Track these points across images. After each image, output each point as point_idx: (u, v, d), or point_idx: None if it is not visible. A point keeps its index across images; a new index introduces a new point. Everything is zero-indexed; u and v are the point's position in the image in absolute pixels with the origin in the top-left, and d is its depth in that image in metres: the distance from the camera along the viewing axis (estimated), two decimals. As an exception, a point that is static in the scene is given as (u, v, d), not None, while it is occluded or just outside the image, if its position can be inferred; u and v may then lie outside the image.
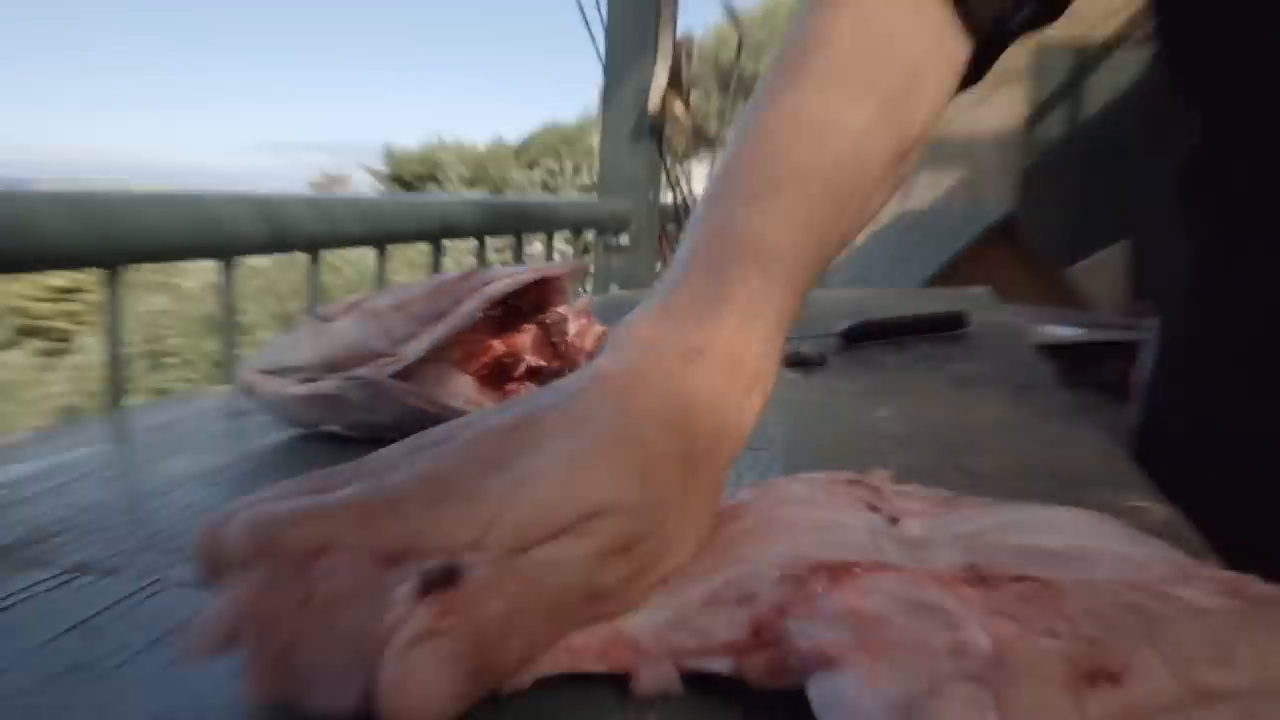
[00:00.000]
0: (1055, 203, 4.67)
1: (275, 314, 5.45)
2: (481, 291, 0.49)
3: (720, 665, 0.22)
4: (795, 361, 0.74)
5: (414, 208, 0.97)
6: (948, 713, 0.16)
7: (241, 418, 0.57)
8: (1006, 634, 0.19)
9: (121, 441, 0.51)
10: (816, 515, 0.27)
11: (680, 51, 1.68)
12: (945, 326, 0.89)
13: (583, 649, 0.22)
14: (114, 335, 0.67)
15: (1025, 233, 3.85)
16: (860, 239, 5.10)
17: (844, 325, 0.85)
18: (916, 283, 3.99)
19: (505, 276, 0.51)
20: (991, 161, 5.01)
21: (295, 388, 0.51)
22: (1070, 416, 0.54)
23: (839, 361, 0.76)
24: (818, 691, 0.19)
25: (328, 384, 0.49)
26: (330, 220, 0.80)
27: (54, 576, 0.32)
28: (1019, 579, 0.21)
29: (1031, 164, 5.01)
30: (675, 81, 1.63)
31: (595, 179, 1.89)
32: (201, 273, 6.19)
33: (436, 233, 0.98)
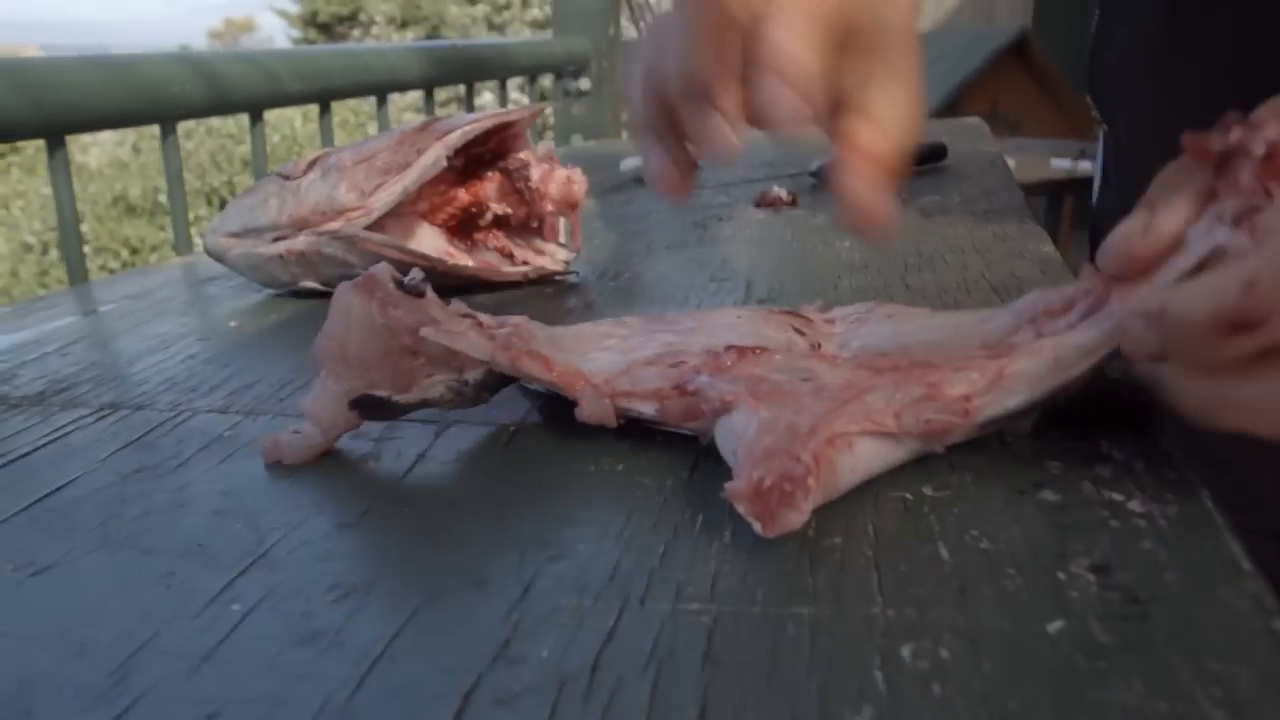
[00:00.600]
0: (1077, 14, 4.61)
1: (195, 190, 5.40)
2: (444, 139, 0.56)
3: (647, 408, 0.32)
4: (766, 201, 0.82)
5: (357, 59, 1.01)
6: None
7: (213, 282, 0.65)
8: (856, 377, 0.30)
9: (102, 309, 0.59)
10: (745, 326, 0.37)
11: None
12: (924, 160, 0.97)
13: (553, 371, 0.33)
14: (62, 209, 0.74)
15: (1041, 52, 3.84)
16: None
17: (818, 164, 0.92)
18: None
19: (465, 123, 0.58)
20: (1004, -30, 4.89)
21: (267, 247, 0.59)
22: (1024, 239, 0.63)
23: (810, 200, 0.84)
24: (719, 427, 0.30)
25: (300, 241, 0.57)
26: (271, 78, 0.85)
27: (92, 413, 0.41)
28: (883, 354, 0.31)
29: (1050, -29, 4.88)
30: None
31: (549, 13, 1.90)
32: (104, 147, 6.06)
33: (382, 86, 1.03)
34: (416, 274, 0.34)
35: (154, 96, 0.74)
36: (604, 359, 0.35)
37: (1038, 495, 0.27)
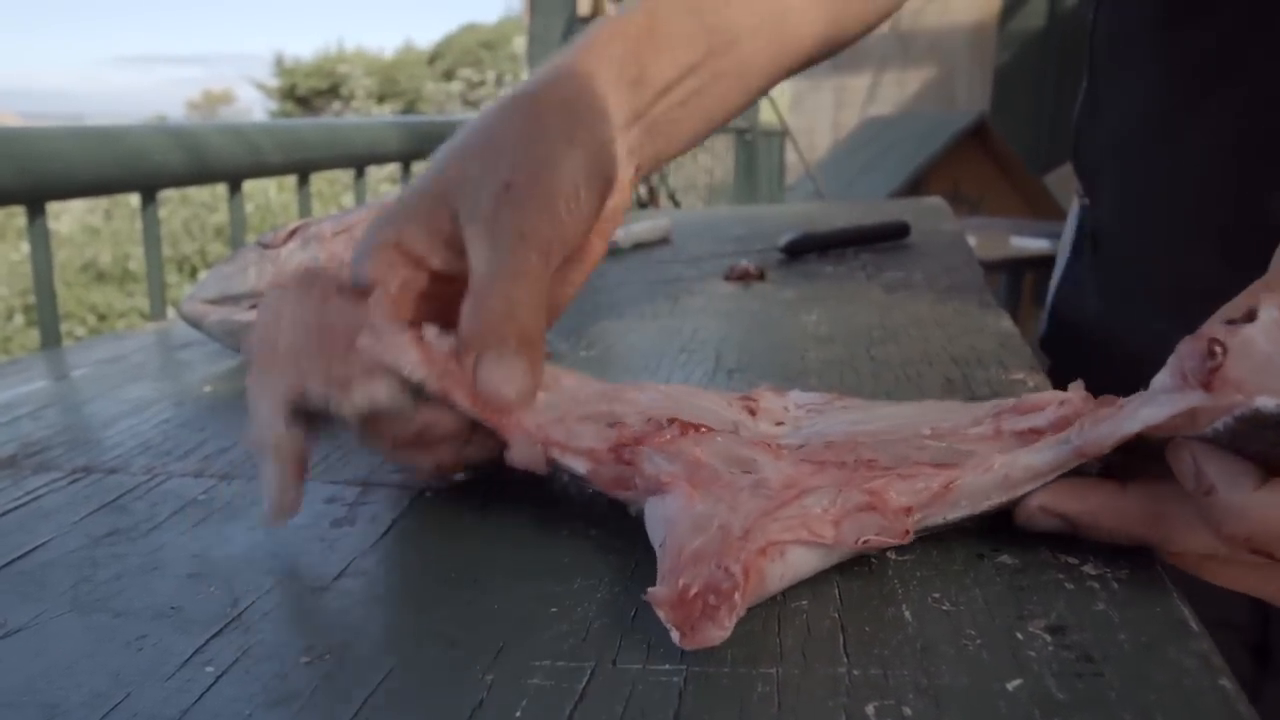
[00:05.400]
0: (1032, 102, 4.78)
1: (167, 257, 5.38)
2: (422, 213, 0.58)
3: (578, 465, 0.31)
4: (735, 275, 0.84)
5: (337, 132, 1.03)
6: None
7: (186, 348, 0.65)
8: (799, 473, 0.29)
9: (75, 374, 0.59)
10: (696, 399, 0.37)
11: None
12: (888, 237, 1.00)
13: (474, 404, 0.31)
14: (39, 274, 0.74)
15: (999, 136, 3.98)
16: (824, 150, 5.18)
17: (787, 239, 0.95)
18: (882, 194, 4.10)
19: (444, 198, 0.59)
20: (963, 58, 5.07)
21: (244, 315, 0.60)
22: (985, 315, 0.65)
23: (780, 274, 0.86)
24: (650, 506, 0.29)
25: (278, 308, 0.58)
26: (252, 149, 0.87)
27: (65, 476, 0.40)
28: (829, 444, 0.32)
29: (1006, 60, 5.08)
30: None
31: (528, 55, 1.94)
32: (75, 214, 6.05)
33: (362, 158, 1.05)
34: (366, 274, 0.33)
35: (136, 165, 0.75)
36: (542, 401, 0.33)
37: (996, 559, 0.28)
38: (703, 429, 0.32)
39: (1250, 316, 0.24)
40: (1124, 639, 0.23)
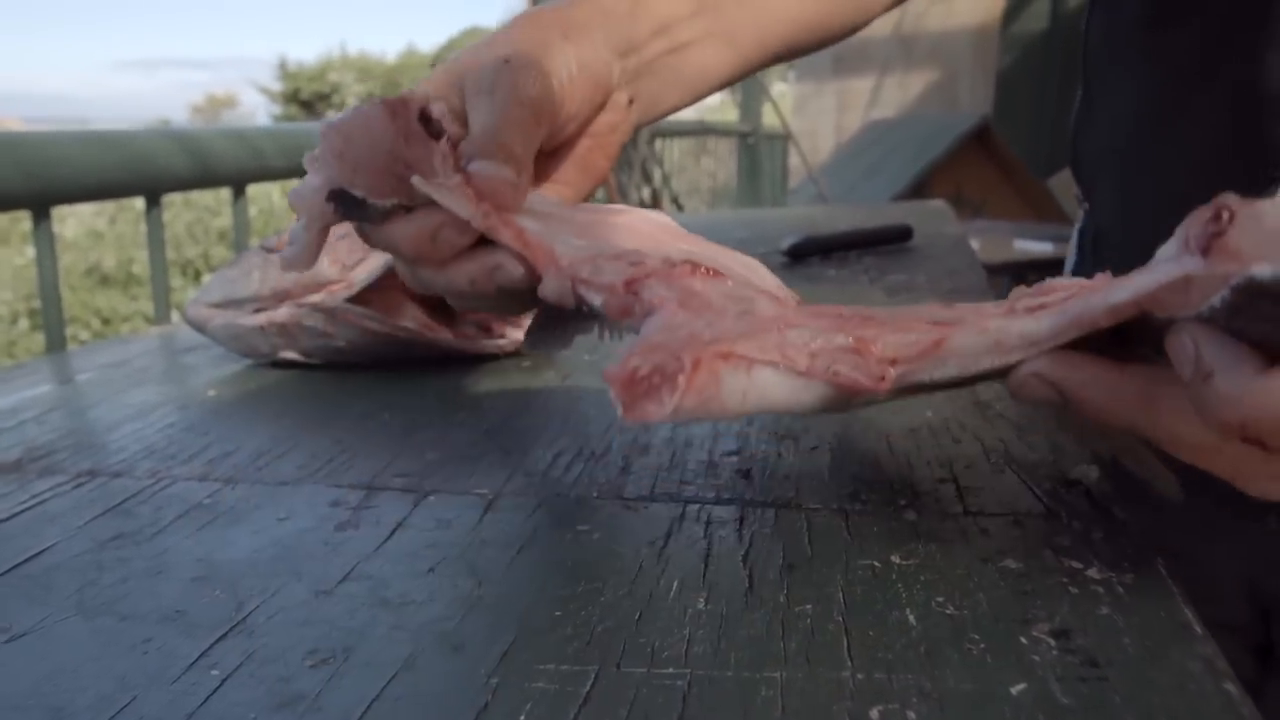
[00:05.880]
0: (1035, 105, 4.78)
1: (171, 261, 5.38)
2: (426, 217, 0.58)
3: (596, 298, 0.32)
4: (738, 279, 0.84)
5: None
6: None
7: (191, 352, 0.65)
8: (794, 315, 0.29)
9: (79, 378, 0.59)
10: (744, 269, 0.36)
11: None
12: (890, 240, 1.00)
13: (524, 239, 0.33)
14: (44, 279, 0.74)
15: (1001, 139, 3.98)
16: (827, 153, 5.18)
17: (790, 242, 0.95)
18: (885, 197, 4.10)
19: (448, 202, 0.59)
20: (966, 61, 5.07)
21: (248, 318, 0.60)
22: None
23: (782, 278, 0.85)
24: (644, 328, 0.29)
25: (282, 312, 0.58)
26: (255, 153, 0.87)
27: (69, 480, 0.41)
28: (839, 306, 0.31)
29: (1009, 62, 5.08)
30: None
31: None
32: (80, 218, 6.06)
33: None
34: (439, 108, 0.35)
35: (140, 169, 0.75)
36: (577, 245, 0.34)
37: (1001, 563, 0.28)
38: (714, 272, 0.32)
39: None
40: (1129, 643, 0.23)
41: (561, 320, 0.37)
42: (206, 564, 0.32)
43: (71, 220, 6.02)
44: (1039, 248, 2.56)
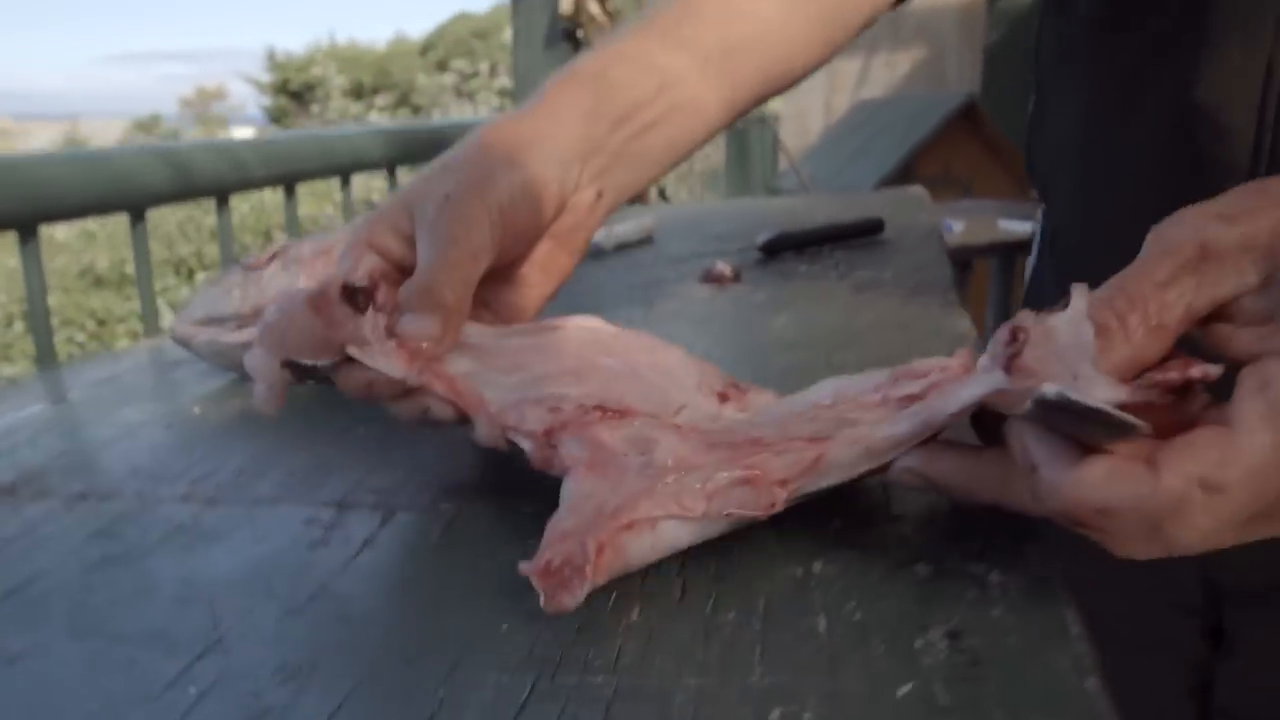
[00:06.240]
0: (1024, 82, 4.77)
1: (163, 260, 5.41)
2: (398, 235, 0.60)
3: (525, 444, 0.36)
4: (711, 277, 0.86)
5: (321, 143, 1.06)
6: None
7: (179, 367, 0.68)
8: (691, 453, 0.33)
9: (71, 395, 0.62)
10: (661, 375, 0.41)
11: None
12: (862, 233, 1.02)
13: (455, 388, 0.37)
14: (32, 294, 0.77)
15: (989, 118, 3.98)
16: (814, 135, 5.18)
17: (764, 238, 0.97)
18: (873, 179, 4.11)
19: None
20: (952, 38, 5.06)
21: (230, 336, 0.62)
22: (946, 316, 0.68)
23: (755, 274, 0.88)
24: (564, 485, 0.33)
25: (262, 330, 0.61)
26: (237, 165, 0.89)
27: (61, 502, 0.43)
28: (729, 430, 0.35)
29: (996, 39, 5.08)
30: (589, -21, 1.70)
31: (514, 80, 1.96)
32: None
33: (346, 167, 1.07)
34: (363, 276, 0.38)
35: (124, 187, 0.78)
36: (507, 385, 0.38)
37: (912, 568, 0.31)
38: (624, 413, 0.36)
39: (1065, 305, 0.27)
40: (1011, 642, 0.26)
41: None
42: (188, 584, 0.34)
43: (63, 223, 6.02)
44: (1022, 228, 2.58)
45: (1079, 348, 0.26)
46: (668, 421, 0.36)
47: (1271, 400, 0.25)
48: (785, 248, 0.98)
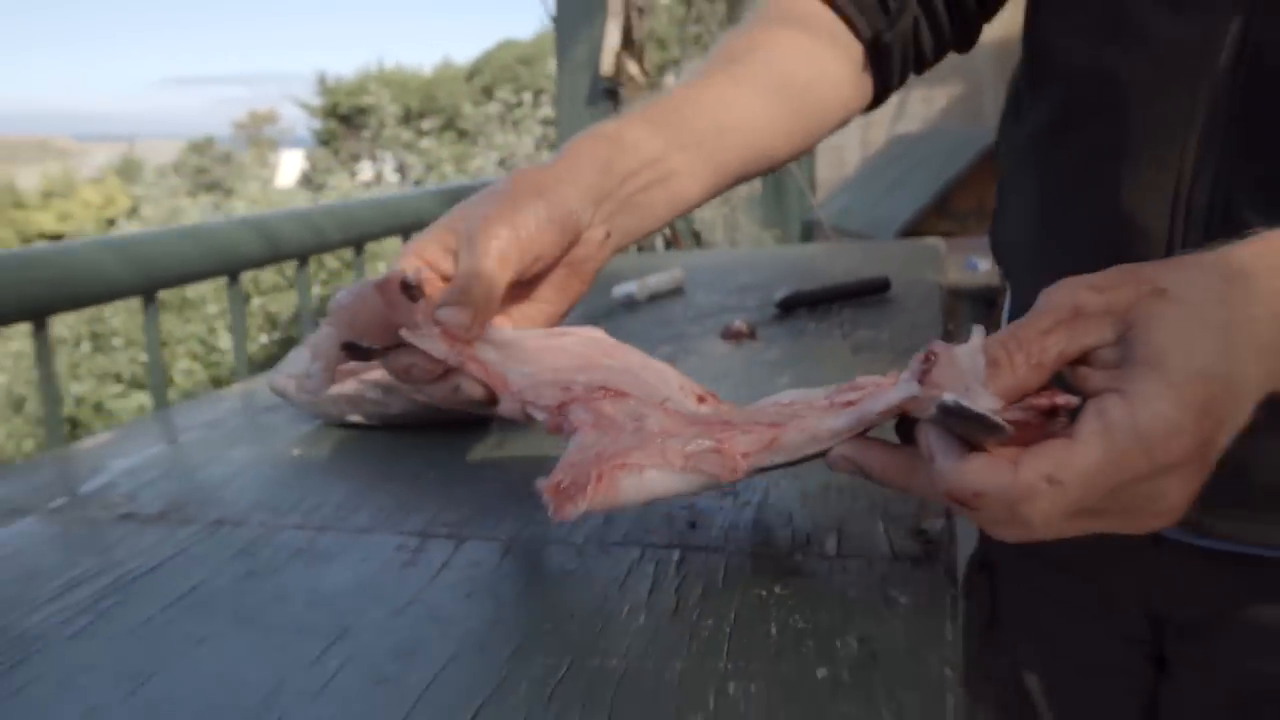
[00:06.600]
0: (1058, 117, 4.81)
1: (194, 334, 5.73)
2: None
3: (540, 415, 0.47)
4: (729, 334, 0.97)
5: (387, 207, 1.20)
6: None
7: (270, 412, 0.81)
8: (674, 426, 0.44)
9: (182, 437, 0.75)
10: (653, 376, 0.51)
11: (630, 9, 1.89)
12: (870, 292, 1.13)
13: (485, 370, 0.47)
14: (151, 350, 0.90)
15: (1021, 154, 4.04)
16: (851, 168, 5.28)
17: (781, 294, 1.08)
18: (909, 212, 4.18)
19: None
20: (989, 73, 5.13)
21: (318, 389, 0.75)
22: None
23: (770, 331, 0.99)
24: (572, 440, 0.44)
25: (349, 386, 0.73)
26: (316, 231, 1.03)
27: (203, 528, 0.56)
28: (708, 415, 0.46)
29: (1032, 75, 5.10)
30: (628, 41, 1.83)
31: (557, 132, 2.10)
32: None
33: (409, 227, 1.21)
34: (413, 275, 0.48)
35: (224, 256, 0.91)
36: (527, 370, 0.48)
37: (847, 593, 0.42)
38: (622, 395, 0.47)
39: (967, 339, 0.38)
40: (901, 645, 0.37)
41: None
42: (314, 592, 0.46)
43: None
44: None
45: (974, 371, 0.37)
46: (656, 405, 0.47)
47: (1105, 424, 0.35)
48: (799, 304, 1.09)
